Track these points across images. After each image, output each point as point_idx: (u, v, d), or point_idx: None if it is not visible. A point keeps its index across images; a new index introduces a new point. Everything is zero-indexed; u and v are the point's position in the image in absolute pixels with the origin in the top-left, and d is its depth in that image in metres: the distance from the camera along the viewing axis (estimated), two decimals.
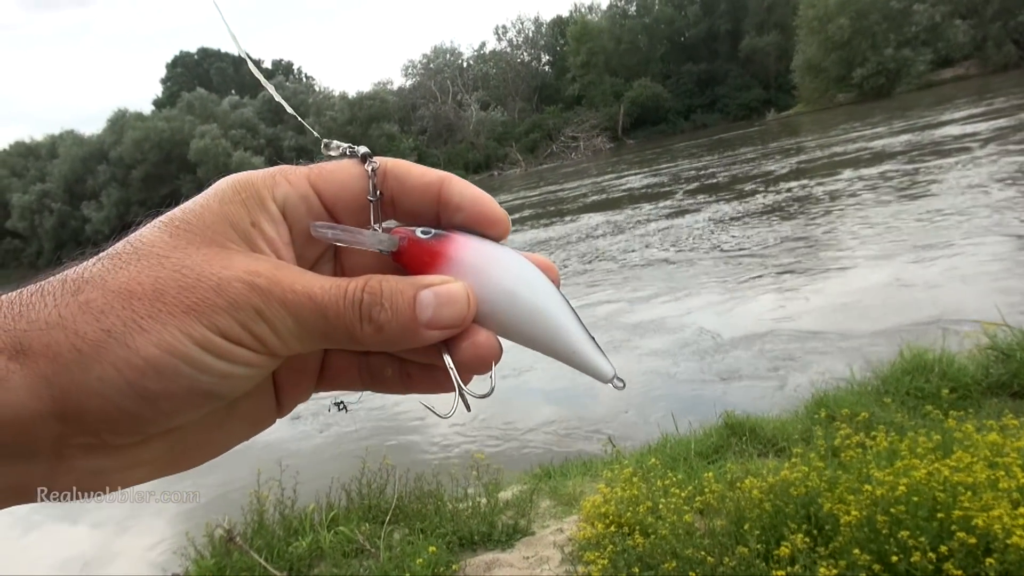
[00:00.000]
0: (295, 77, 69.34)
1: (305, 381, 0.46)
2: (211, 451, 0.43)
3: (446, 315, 0.39)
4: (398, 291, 0.38)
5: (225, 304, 0.36)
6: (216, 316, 0.35)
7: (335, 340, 0.38)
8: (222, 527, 3.97)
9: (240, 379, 0.37)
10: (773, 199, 14.80)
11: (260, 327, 0.36)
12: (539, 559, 3.54)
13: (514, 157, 54.94)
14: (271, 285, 0.37)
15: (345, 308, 0.38)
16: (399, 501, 4.24)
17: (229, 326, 0.36)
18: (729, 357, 6.62)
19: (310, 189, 0.41)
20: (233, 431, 0.43)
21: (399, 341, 0.39)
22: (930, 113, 25.75)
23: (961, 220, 9.59)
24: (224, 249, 0.38)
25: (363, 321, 0.38)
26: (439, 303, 0.38)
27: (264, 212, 0.40)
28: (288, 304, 0.37)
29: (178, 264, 0.36)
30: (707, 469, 3.88)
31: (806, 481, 3.00)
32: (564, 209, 21.72)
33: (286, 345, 0.38)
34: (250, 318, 0.36)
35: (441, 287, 0.39)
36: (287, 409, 0.46)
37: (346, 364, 0.46)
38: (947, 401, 3.98)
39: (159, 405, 0.35)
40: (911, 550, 2.32)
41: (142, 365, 0.34)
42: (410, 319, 0.38)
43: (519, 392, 6.95)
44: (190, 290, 0.35)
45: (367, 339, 0.38)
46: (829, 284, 8.24)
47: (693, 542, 2.91)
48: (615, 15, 63.41)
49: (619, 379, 0.43)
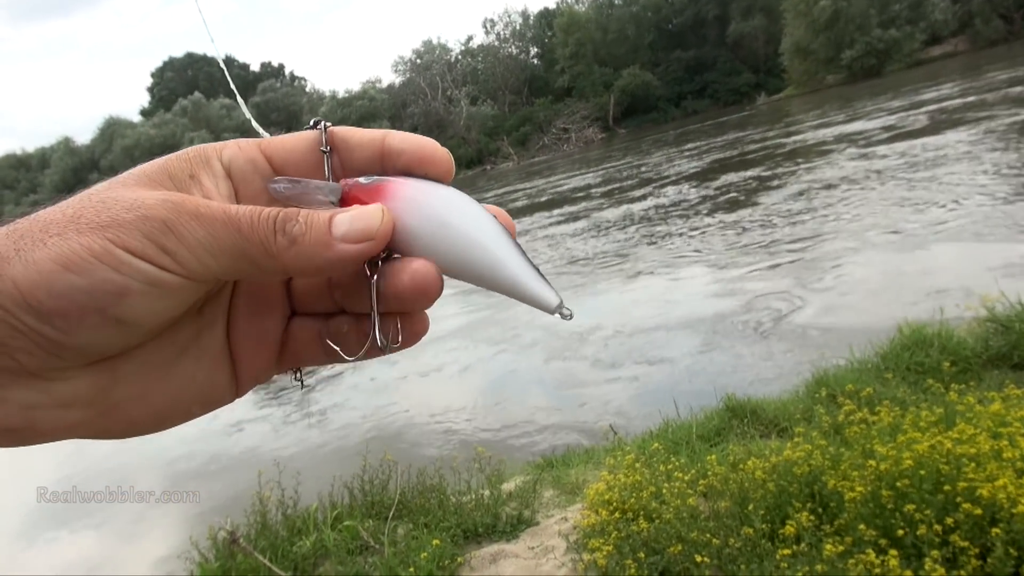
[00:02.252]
0: (286, 80, 69.14)
1: (264, 353, 0.44)
2: (151, 410, 0.41)
3: (359, 227, 0.39)
4: (315, 213, 0.39)
5: (134, 218, 0.35)
6: (122, 229, 0.35)
7: (250, 255, 0.37)
8: (225, 529, 3.95)
9: (142, 299, 0.36)
10: (767, 182, 14.79)
11: (168, 239, 0.35)
12: (544, 548, 3.53)
13: (506, 151, 54.91)
14: (184, 200, 0.36)
15: (260, 223, 0.37)
16: (402, 496, 4.23)
17: (133, 238, 0.35)
18: (728, 340, 6.61)
19: (259, 154, 0.43)
20: (178, 392, 0.41)
21: (315, 255, 0.38)
22: (920, 91, 25.75)
23: (956, 195, 9.58)
24: (153, 187, 0.38)
25: (277, 233, 0.37)
26: (353, 218, 0.39)
27: (207, 168, 0.41)
28: (200, 216, 0.36)
29: (104, 196, 0.37)
30: (709, 452, 3.87)
31: (809, 460, 2.99)
32: (563, 199, 21.69)
33: (197, 260, 0.36)
34: (158, 229, 0.35)
35: (357, 208, 0.40)
36: (245, 386, 0.45)
37: (308, 333, 0.45)
38: (948, 374, 3.96)
39: (55, 322, 0.34)
40: (917, 523, 2.31)
41: (36, 278, 0.33)
42: (324, 232, 0.38)
43: (518, 383, 6.94)
44: (104, 211, 0.35)
45: (282, 252, 0.37)
46: (827, 265, 8.22)
47: (698, 525, 2.90)
48: (602, 5, 63.33)
49: (565, 308, 0.41)
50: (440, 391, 7.03)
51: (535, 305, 0.41)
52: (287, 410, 7.53)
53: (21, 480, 6.38)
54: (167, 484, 6.13)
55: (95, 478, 6.52)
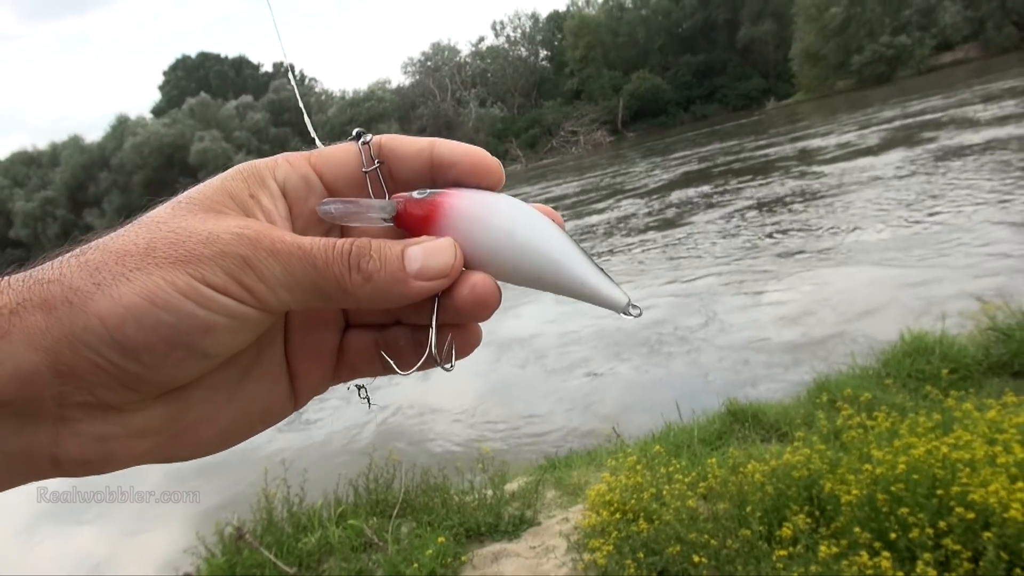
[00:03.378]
0: (296, 79, 69.27)
1: (321, 366, 0.45)
2: (218, 430, 0.42)
3: (433, 264, 0.39)
4: (387, 246, 0.40)
5: (212, 254, 0.36)
6: (202, 265, 0.36)
7: (325, 291, 0.39)
8: (232, 525, 4.01)
9: (226, 332, 0.37)
10: (774, 189, 14.78)
11: (247, 275, 0.37)
12: (545, 548, 3.57)
13: (514, 153, 54.87)
14: (260, 236, 0.37)
15: (334, 257, 0.38)
16: (406, 495, 4.28)
17: (214, 274, 0.36)
18: (732, 345, 6.63)
19: (311, 170, 0.43)
20: (242, 411, 0.42)
21: (389, 291, 0.39)
22: (931, 98, 25.65)
23: (960, 203, 9.58)
24: (220, 213, 0.39)
25: (352, 270, 0.38)
26: (427, 254, 0.40)
27: (263, 188, 0.42)
28: (277, 252, 0.37)
29: (174, 226, 0.37)
30: (710, 455, 3.91)
31: (808, 464, 3.03)
32: (568, 202, 21.72)
33: (274, 294, 0.38)
34: (236, 265, 0.36)
35: (428, 243, 0.40)
36: (303, 399, 0.46)
37: (363, 345, 0.45)
38: (947, 381, 3.99)
39: (141, 357, 0.35)
40: (910, 527, 2.35)
41: (122, 313, 0.34)
42: (398, 268, 0.39)
43: (524, 385, 6.98)
44: (180, 244, 0.36)
45: (356, 289, 0.39)
46: (832, 270, 8.23)
47: (697, 526, 2.94)
48: (612, 8, 63.31)
49: (634, 306, 0.42)
50: (446, 392, 7.08)
51: (602, 304, 0.42)
52: None
53: None
54: (172, 481, 6.18)
55: (95, 477, 6.55)
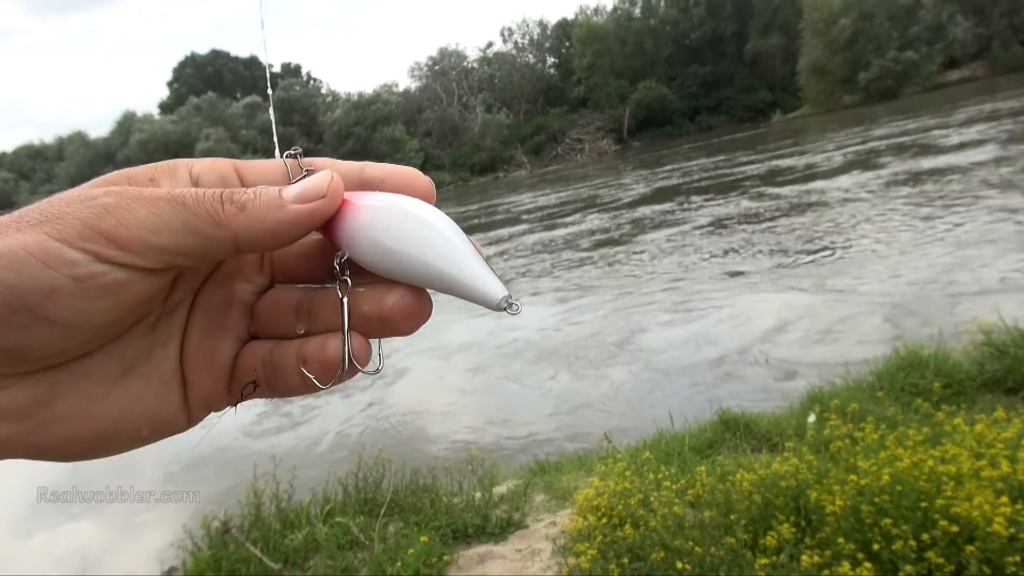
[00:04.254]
0: (303, 81, 69.50)
1: (213, 376, 0.41)
2: (93, 428, 0.38)
3: (310, 186, 0.38)
4: (264, 187, 0.38)
5: (75, 210, 0.33)
6: (61, 223, 0.33)
7: (197, 229, 0.35)
8: (219, 519, 4.00)
9: (77, 297, 0.33)
10: (771, 201, 14.78)
11: (107, 222, 0.33)
12: (531, 551, 3.57)
13: (519, 159, 54.98)
14: (129, 189, 0.35)
15: (207, 196, 0.36)
16: (394, 495, 4.27)
17: (71, 228, 0.33)
18: (726, 355, 6.62)
19: (233, 172, 0.42)
20: (123, 412, 0.38)
21: (266, 219, 0.36)
22: (937, 115, 25.67)
23: (960, 219, 9.58)
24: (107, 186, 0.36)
25: (225, 203, 0.36)
26: (303, 183, 0.38)
27: (171, 175, 0.40)
28: (143, 198, 0.34)
29: (52, 198, 0.35)
30: (700, 463, 3.90)
31: (796, 474, 3.02)
32: (563, 211, 21.73)
33: (141, 244, 0.34)
34: (96, 214, 0.33)
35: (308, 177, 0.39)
36: (197, 413, 0.42)
37: (253, 361, 0.42)
38: (939, 395, 3.98)
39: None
40: (894, 538, 2.34)
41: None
42: (274, 195, 0.37)
43: (516, 388, 6.98)
44: (47, 208, 0.34)
45: (231, 219, 0.36)
46: (828, 283, 8.23)
47: (682, 533, 2.93)
48: (620, 17, 63.43)
49: (511, 301, 0.37)
50: (438, 394, 7.07)
51: (477, 300, 0.38)
52: (287, 407, 7.58)
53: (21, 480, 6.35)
54: (167, 479, 6.18)
55: (95, 476, 6.49)
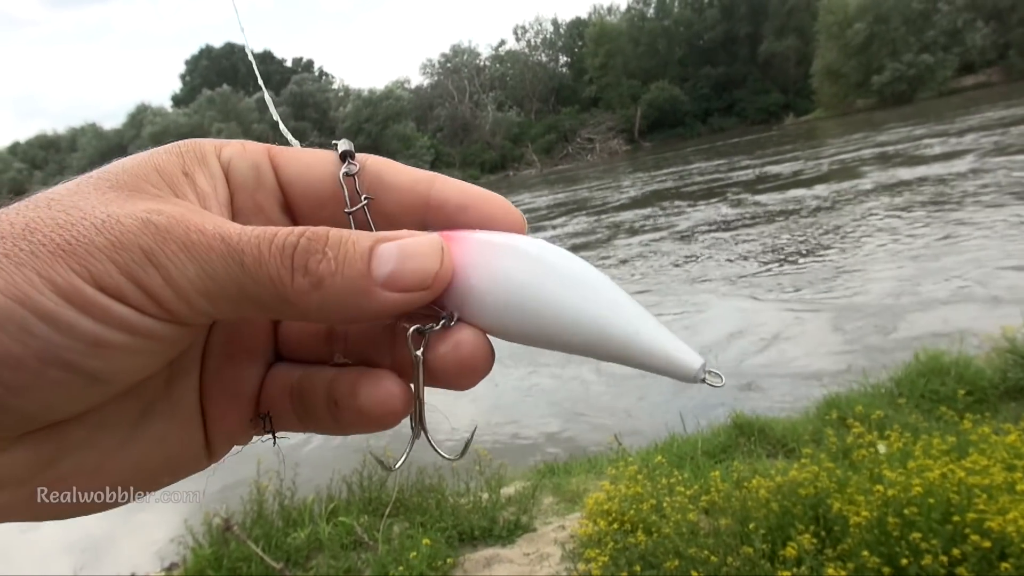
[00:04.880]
0: (315, 75, 69.68)
1: (238, 408, 0.36)
2: (104, 484, 0.31)
3: (410, 269, 0.30)
4: (350, 240, 0.29)
5: (105, 243, 0.27)
6: (91, 259, 0.26)
7: (257, 298, 0.29)
8: (220, 516, 3.93)
9: (121, 352, 0.27)
10: (785, 204, 14.66)
11: (149, 275, 0.27)
12: (540, 556, 3.48)
13: (529, 158, 54.98)
14: (171, 223, 0.28)
15: (271, 253, 0.28)
16: (400, 494, 4.18)
17: (107, 271, 0.26)
18: (740, 358, 6.52)
19: (267, 160, 0.35)
20: (139, 462, 0.32)
21: (346, 304, 0.29)
22: (954, 120, 25.45)
23: (981, 225, 9.44)
24: (135, 192, 0.29)
25: (296, 271, 0.28)
26: (403, 255, 0.30)
27: (203, 165, 0.33)
28: (192, 246, 0.27)
29: (67, 204, 0.28)
30: (714, 468, 3.80)
31: (815, 481, 2.92)
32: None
33: (187, 303, 0.28)
34: (136, 262, 0.27)
35: (407, 239, 0.30)
36: (218, 449, 0.36)
37: (278, 390, 0.36)
38: (962, 403, 3.87)
39: (2, 376, 0.26)
40: (923, 553, 2.23)
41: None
42: (361, 274, 0.29)
43: (524, 388, 6.89)
44: (67, 228, 0.27)
45: (300, 298, 0.29)
46: (843, 288, 8.11)
47: (697, 541, 2.83)
48: (633, 17, 63.37)
49: (712, 372, 0.32)
50: (444, 392, 6.99)
51: (666, 371, 0.32)
52: None
53: None
54: None
55: None
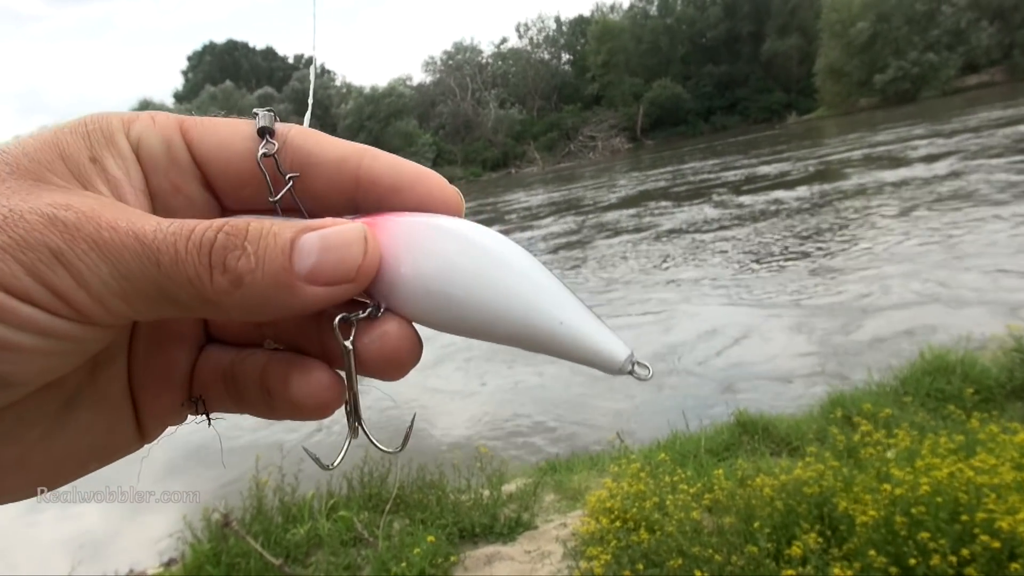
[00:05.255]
0: (317, 72, 69.60)
1: (170, 392, 0.35)
2: (30, 476, 0.31)
3: (333, 262, 0.28)
4: (271, 232, 0.28)
5: (9, 242, 0.25)
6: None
7: (176, 299, 0.28)
8: (219, 511, 3.90)
9: (32, 355, 0.26)
10: (790, 202, 14.62)
11: (59, 276, 0.26)
12: (541, 553, 3.45)
13: (531, 155, 54.94)
14: (81, 220, 0.26)
15: (189, 250, 0.27)
16: (400, 490, 4.15)
17: (11, 272, 0.25)
18: (743, 356, 6.49)
19: (179, 136, 0.33)
20: (68, 450, 0.32)
21: (267, 302, 0.28)
22: (958, 119, 25.39)
23: (985, 225, 9.40)
24: (40, 183, 0.28)
25: (214, 270, 0.27)
26: (325, 246, 0.28)
27: (111, 147, 0.31)
28: (103, 244, 0.26)
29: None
30: (717, 466, 3.77)
31: (820, 480, 2.89)
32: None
33: (102, 305, 0.27)
34: (43, 262, 0.26)
35: (329, 229, 0.29)
36: (152, 432, 0.35)
37: (210, 373, 0.35)
38: (969, 402, 3.84)
39: None
40: (931, 553, 2.20)
41: None
42: (283, 268, 0.28)
43: (526, 385, 6.86)
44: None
45: (221, 297, 0.28)
46: (846, 287, 8.07)
47: (700, 540, 2.80)
48: (636, 15, 63.31)
49: (639, 363, 0.31)
50: (447, 389, 6.97)
51: (594, 363, 0.31)
52: None
53: None
54: (170, 469, 6.09)
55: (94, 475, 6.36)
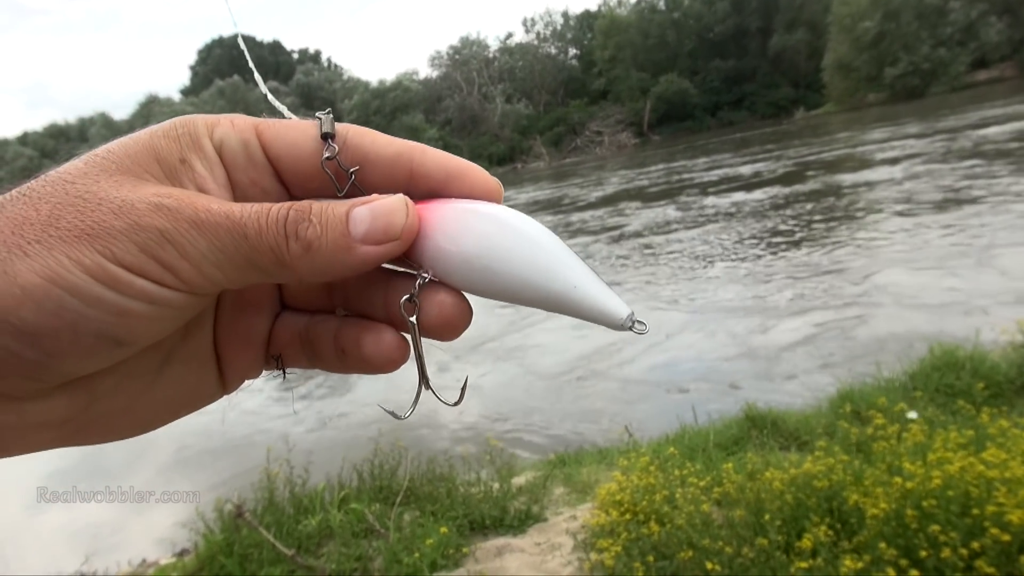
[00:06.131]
0: (323, 66, 69.60)
1: (251, 352, 0.42)
2: (134, 421, 0.38)
3: (382, 225, 0.35)
4: (329, 208, 0.35)
5: (125, 227, 0.31)
6: (113, 240, 0.31)
7: (260, 265, 0.34)
8: (232, 502, 3.94)
9: (144, 319, 0.32)
10: (799, 196, 14.60)
11: (168, 252, 0.32)
12: (551, 545, 3.47)
13: (538, 150, 54.87)
14: (181, 205, 0.32)
15: (268, 225, 0.34)
16: (411, 483, 4.19)
17: (128, 251, 0.31)
18: (753, 351, 6.50)
19: (254, 137, 0.38)
20: (164, 400, 0.38)
21: (332, 261, 0.35)
22: (968, 115, 25.26)
23: (995, 220, 9.38)
24: (139, 179, 0.34)
25: (289, 238, 0.34)
26: (374, 214, 0.35)
27: (197, 150, 0.36)
28: (201, 224, 0.32)
29: (82, 190, 0.32)
30: (726, 460, 3.79)
31: (830, 474, 2.90)
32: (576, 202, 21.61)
33: (201, 274, 0.33)
34: (154, 241, 0.31)
35: (377, 202, 0.36)
36: (232, 384, 0.42)
37: (288, 335, 0.42)
38: (979, 397, 3.84)
39: (42, 344, 0.30)
40: (941, 546, 2.22)
41: (19, 294, 0.29)
42: (342, 234, 0.35)
43: (536, 379, 6.89)
44: (87, 213, 0.31)
45: (296, 260, 0.34)
46: (857, 282, 8.07)
47: (710, 532, 2.82)
48: (643, 9, 62.94)
49: (637, 320, 0.36)
50: (457, 383, 6.99)
51: (597, 319, 0.37)
52: (301, 391, 7.55)
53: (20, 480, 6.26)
54: (181, 462, 6.13)
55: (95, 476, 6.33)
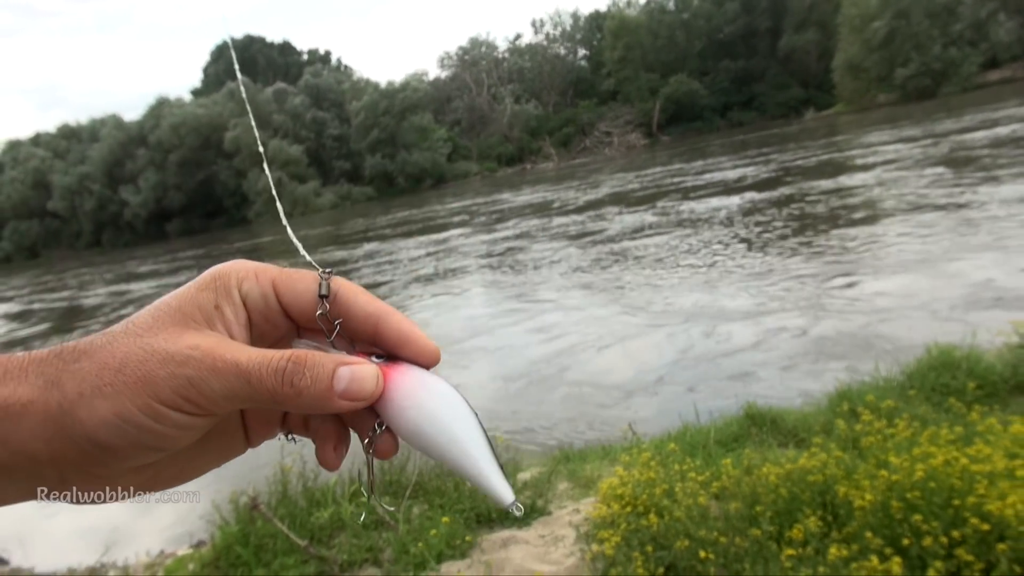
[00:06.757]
0: (332, 67, 69.75)
1: (269, 425, 0.54)
2: (185, 477, 0.52)
3: (356, 389, 0.46)
4: (320, 363, 0.46)
5: (166, 375, 0.43)
6: (158, 386, 0.43)
7: (259, 401, 0.45)
8: (247, 495, 4.07)
9: (180, 435, 0.45)
10: (803, 198, 14.62)
11: (192, 392, 0.44)
12: (554, 537, 3.59)
13: (547, 151, 54.94)
14: (204, 356, 0.44)
15: (268, 375, 0.45)
16: (419, 477, 4.31)
17: (167, 394, 0.43)
18: (754, 351, 6.58)
19: (271, 289, 0.50)
20: (204, 462, 0.52)
21: (315, 405, 0.46)
22: (978, 116, 25.15)
23: (995, 223, 9.41)
24: (185, 328, 0.46)
25: (284, 385, 0.45)
26: (353, 378, 0.46)
27: (228, 299, 0.49)
28: (217, 371, 0.44)
29: (144, 343, 0.45)
30: (725, 456, 3.89)
31: (824, 469, 3.00)
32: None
33: (216, 405, 0.45)
34: (183, 386, 0.44)
35: (357, 367, 0.47)
36: (256, 444, 0.55)
37: (296, 420, 0.55)
38: (972, 396, 3.93)
39: (116, 453, 0.44)
40: (923, 534, 2.32)
41: (98, 423, 0.43)
42: (327, 387, 0.46)
43: (541, 378, 6.99)
44: (144, 363, 0.44)
45: (287, 400, 0.45)
46: (858, 283, 8.13)
47: (707, 524, 2.93)
48: (653, 10, 62.82)
49: (517, 506, 0.47)
50: (465, 379, 7.11)
51: (491, 497, 0.48)
52: None
53: None
54: None
55: None
